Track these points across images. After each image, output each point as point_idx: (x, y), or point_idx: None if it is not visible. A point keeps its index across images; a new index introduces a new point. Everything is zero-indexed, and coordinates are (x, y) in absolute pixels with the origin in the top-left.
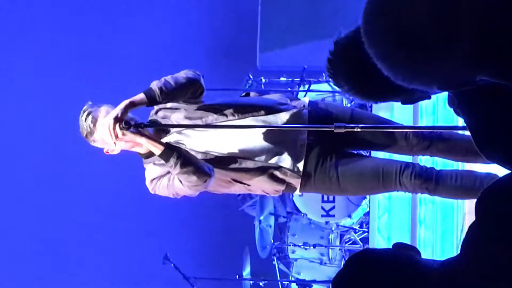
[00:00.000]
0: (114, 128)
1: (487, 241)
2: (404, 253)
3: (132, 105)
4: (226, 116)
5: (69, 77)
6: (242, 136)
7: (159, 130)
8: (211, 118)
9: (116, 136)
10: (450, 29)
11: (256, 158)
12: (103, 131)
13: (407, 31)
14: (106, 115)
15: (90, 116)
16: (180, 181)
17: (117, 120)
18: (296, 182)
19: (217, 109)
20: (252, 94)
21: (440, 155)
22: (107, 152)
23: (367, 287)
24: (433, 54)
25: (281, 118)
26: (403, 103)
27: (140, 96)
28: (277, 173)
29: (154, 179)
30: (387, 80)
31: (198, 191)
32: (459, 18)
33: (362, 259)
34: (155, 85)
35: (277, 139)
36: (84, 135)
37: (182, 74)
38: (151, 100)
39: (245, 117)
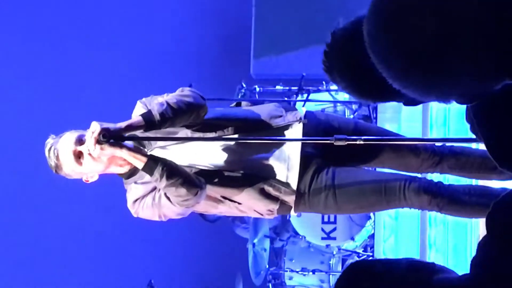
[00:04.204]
0: (94, 145)
1: (497, 254)
2: (417, 269)
3: (128, 129)
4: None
5: (61, 83)
6: (230, 150)
7: (139, 146)
8: (209, 134)
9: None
10: (467, 40)
11: (246, 171)
12: (68, 159)
13: (420, 46)
14: (69, 143)
15: (52, 150)
16: (168, 198)
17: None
18: (290, 200)
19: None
20: (243, 104)
21: (452, 172)
22: (87, 181)
23: None
24: (450, 69)
25: (273, 133)
26: (405, 104)
27: (138, 119)
28: (269, 189)
29: (136, 199)
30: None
31: (188, 207)
32: (477, 27)
33: (368, 268)
34: (155, 109)
35: (269, 152)
36: (55, 171)
37: (186, 99)
38: (149, 125)
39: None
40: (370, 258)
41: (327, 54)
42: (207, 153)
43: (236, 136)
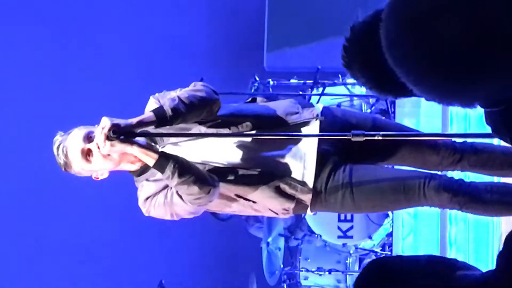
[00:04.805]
0: (104, 142)
1: None
2: (439, 266)
3: (140, 125)
4: (238, 129)
5: (66, 81)
6: (245, 147)
7: (150, 143)
8: (223, 131)
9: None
10: (492, 44)
11: (261, 169)
12: (77, 157)
13: (442, 49)
14: (77, 140)
15: (60, 148)
16: (180, 197)
17: (105, 135)
18: (307, 198)
19: (231, 122)
20: (259, 99)
21: (473, 170)
22: (97, 178)
23: None
24: (473, 73)
25: (289, 130)
26: (427, 99)
27: (149, 115)
28: (285, 187)
29: (148, 197)
30: None
31: (201, 206)
32: (502, 31)
33: (389, 266)
34: (167, 104)
35: (284, 149)
36: (64, 169)
37: (198, 93)
38: (161, 121)
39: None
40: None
41: (347, 49)
42: (221, 150)
43: (251, 132)
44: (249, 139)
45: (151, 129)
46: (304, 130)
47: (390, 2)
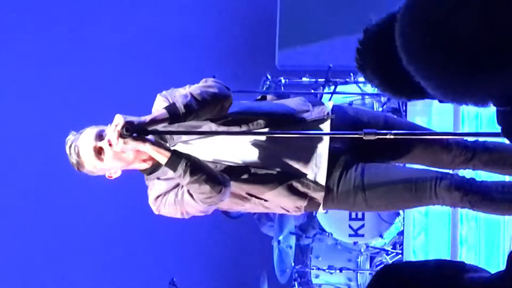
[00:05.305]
0: (117, 139)
1: None
2: (447, 269)
3: (152, 123)
4: (248, 127)
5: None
6: (256, 145)
7: (162, 141)
8: (234, 129)
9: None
10: (508, 37)
11: (273, 167)
12: (89, 156)
13: (457, 44)
14: (89, 139)
15: (72, 147)
16: (191, 195)
17: (118, 132)
18: (319, 196)
19: (242, 120)
20: (269, 97)
21: (484, 168)
22: (110, 177)
23: None
24: (487, 68)
25: (300, 129)
26: (440, 101)
27: (162, 112)
28: (297, 185)
29: (158, 196)
30: None
31: (212, 205)
32: None
33: (399, 272)
34: (179, 101)
35: (297, 146)
36: (77, 169)
37: (210, 89)
38: (174, 118)
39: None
40: (399, 256)
41: (360, 52)
42: (232, 149)
43: (262, 130)
44: (260, 137)
45: (161, 127)
46: (315, 129)
47: (406, 1)
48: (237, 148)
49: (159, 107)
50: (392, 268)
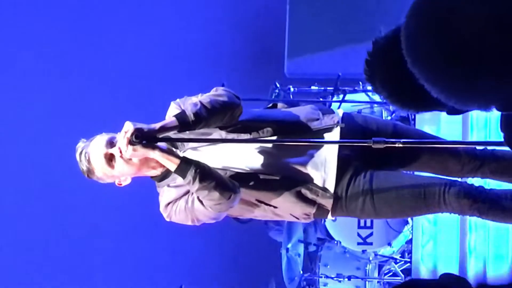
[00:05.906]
0: (126, 146)
1: None
2: (452, 285)
3: (162, 130)
4: (259, 134)
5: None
6: (266, 152)
7: (171, 148)
8: (244, 136)
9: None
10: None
11: (281, 174)
12: (99, 162)
13: (462, 47)
14: (100, 146)
15: (83, 154)
16: (201, 202)
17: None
18: (328, 203)
19: (252, 127)
20: (279, 105)
21: (493, 177)
22: (120, 184)
23: None
24: (493, 71)
25: (310, 136)
26: (448, 113)
27: (171, 120)
28: (306, 192)
29: (169, 203)
30: None
31: (222, 212)
32: None
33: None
34: (189, 109)
35: (305, 155)
36: (87, 176)
37: (220, 98)
38: (183, 125)
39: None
40: (408, 264)
41: (369, 63)
42: (242, 156)
43: (271, 138)
44: (270, 144)
45: (171, 134)
46: (325, 136)
47: (412, 3)
48: (246, 155)
49: (172, 114)
50: (410, 285)
